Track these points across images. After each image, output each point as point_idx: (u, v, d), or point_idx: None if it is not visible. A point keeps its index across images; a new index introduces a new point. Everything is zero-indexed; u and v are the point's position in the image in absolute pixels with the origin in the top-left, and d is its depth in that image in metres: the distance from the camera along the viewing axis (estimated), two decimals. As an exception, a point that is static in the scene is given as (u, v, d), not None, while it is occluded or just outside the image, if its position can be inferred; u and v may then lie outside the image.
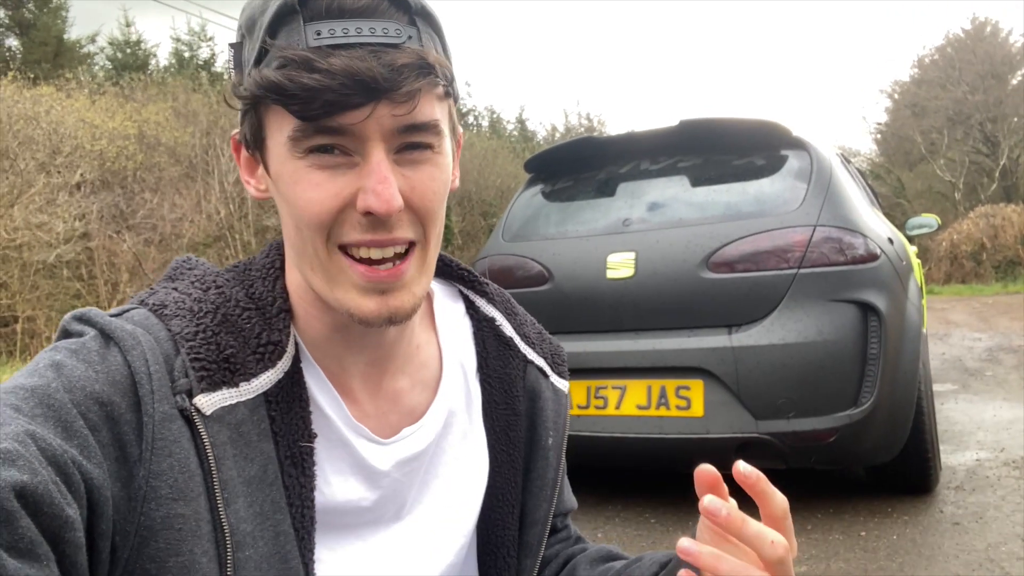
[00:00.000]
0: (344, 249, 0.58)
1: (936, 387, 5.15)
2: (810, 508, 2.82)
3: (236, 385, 0.57)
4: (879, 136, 29.18)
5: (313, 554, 0.59)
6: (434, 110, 0.57)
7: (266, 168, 0.60)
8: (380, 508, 0.66)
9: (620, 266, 2.84)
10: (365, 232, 0.57)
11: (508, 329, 0.78)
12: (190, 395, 0.55)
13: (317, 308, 0.64)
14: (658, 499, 3.06)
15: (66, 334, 0.58)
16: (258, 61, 0.55)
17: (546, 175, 3.47)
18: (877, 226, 2.93)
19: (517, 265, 3.12)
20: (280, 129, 0.56)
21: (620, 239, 2.91)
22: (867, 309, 2.59)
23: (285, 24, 0.54)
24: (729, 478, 0.59)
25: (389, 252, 0.59)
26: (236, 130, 0.63)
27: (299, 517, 0.58)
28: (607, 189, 3.22)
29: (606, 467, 3.44)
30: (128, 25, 17.78)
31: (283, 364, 0.60)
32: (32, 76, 11.83)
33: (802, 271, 2.65)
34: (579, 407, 2.83)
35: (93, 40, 17.48)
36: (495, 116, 26.85)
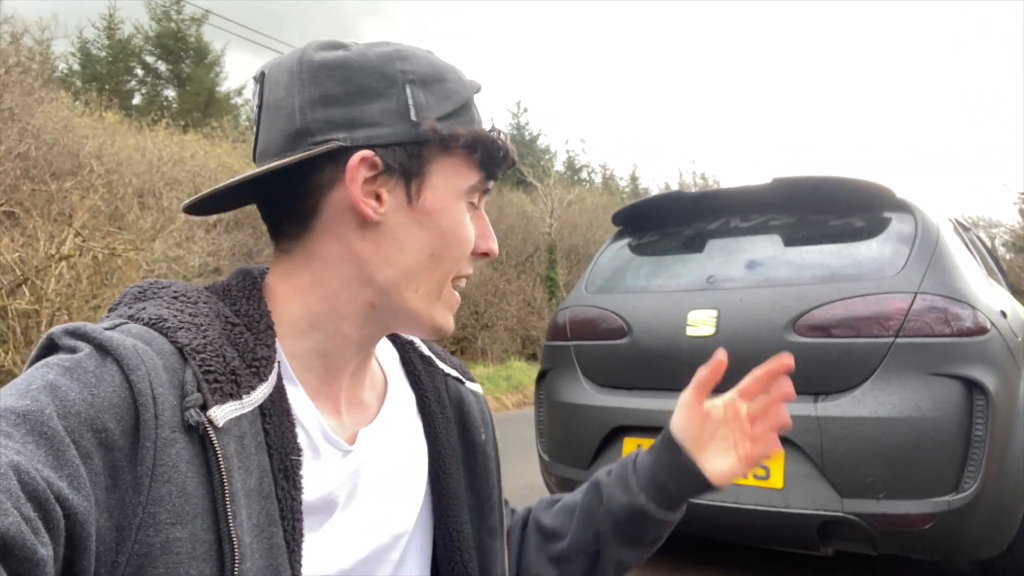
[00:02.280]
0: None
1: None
2: (903, 601, 2.57)
3: (240, 398, 0.58)
4: (1023, 206, 27.09)
5: (301, 566, 0.60)
6: None
7: (412, 199, 0.67)
8: (343, 510, 0.69)
9: (701, 323, 2.75)
10: (468, 267, 0.73)
11: (425, 349, 0.87)
12: (203, 408, 0.55)
13: (307, 329, 0.68)
14: (734, 573, 2.88)
15: (55, 347, 0.56)
16: (448, 116, 0.67)
17: (634, 228, 3.44)
18: (989, 298, 2.71)
19: (598, 317, 3.09)
20: (457, 175, 0.69)
21: (703, 296, 2.83)
22: (972, 386, 2.37)
23: (467, 105, 0.70)
24: (804, 557, 0.58)
25: None
26: (367, 152, 0.64)
27: (290, 530, 0.60)
28: (694, 245, 3.15)
29: (677, 533, 3.29)
30: (272, 79, 19.29)
31: (272, 379, 0.63)
32: (183, 124, 13.02)
33: (900, 340, 2.47)
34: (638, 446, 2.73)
35: (239, 93, 19.07)
36: (608, 172, 26.99)
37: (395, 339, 0.85)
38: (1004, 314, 2.70)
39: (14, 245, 8.44)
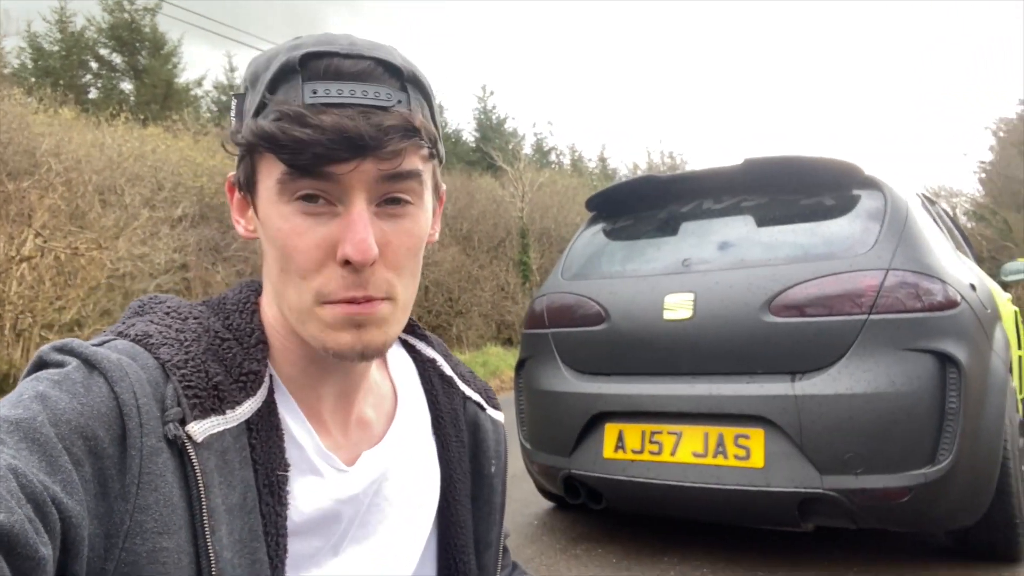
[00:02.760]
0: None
1: (1038, 445, 4.75)
2: (883, 572, 2.62)
3: (223, 413, 0.58)
4: (983, 175, 27.67)
5: None
6: (416, 165, 0.62)
7: (255, 210, 0.65)
8: (344, 535, 0.67)
9: (678, 307, 2.76)
10: (346, 289, 0.60)
11: (447, 369, 0.84)
12: (183, 423, 0.55)
13: (293, 342, 0.66)
14: (717, 553, 2.91)
15: (44, 365, 0.57)
16: (257, 112, 0.60)
17: (608, 213, 3.43)
18: (959, 271, 2.75)
19: (575, 303, 3.08)
20: (270, 175, 0.60)
21: (679, 279, 2.83)
22: (945, 360, 2.42)
23: (286, 81, 0.59)
24: (785, 534, 0.57)
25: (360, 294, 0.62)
26: (232, 172, 0.67)
27: (273, 546, 0.59)
28: (668, 228, 3.16)
29: (660, 515, 3.32)
30: (232, 70, 18.93)
31: (261, 393, 0.62)
32: (143, 118, 12.72)
33: (873, 317, 2.51)
34: (633, 451, 2.74)
35: (199, 84, 18.67)
36: (576, 154, 26.99)
37: (416, 356, 0.83)
38: (973, 287, 2.75)
39: (-29, 248, 8.22)
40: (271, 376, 0.65)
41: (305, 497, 0.63)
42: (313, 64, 0.59)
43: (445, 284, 13.36)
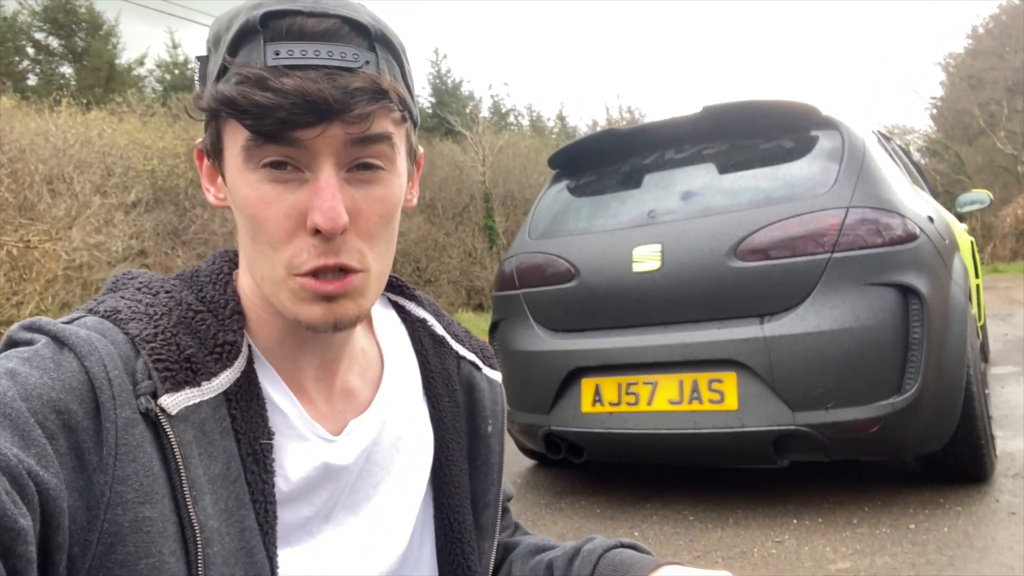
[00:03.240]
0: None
1: (997, 369, 4.92)
2: (856, 501, 2.72)
3: (198, 384, 0.58)
4: (935, 111, 28.13)
5: (276, 548, 0.60)
6: (387, 128, 0.59)
7: (223, 178, 0.63)
8: (335, 503, 0.67)
9: (646, 259, 2.78)
10: (318, 257, 0.58)
11: (439, 328, 0.82)
12: (154, 396, 0.55)
13: (269, 312, 0.65)
14: (697, 496, 2.99)
15: (13, 344, 0.56)
16: (219, 76, 0.58)
17: (571, 170, 3.43)
18: (916, 205, 2.81)
19: (544, 263, 3.09)
20: (235, 141, 0.58)
21: (646, 231, 2.85)
22: (907, 292, 2.48)
23: (247, 43, 0.56)
24: (762, 472, 0.58)
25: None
26: (200, 139, 0.65)
27: (262, 512, 0.59)
28: (632, 181, 3.16)
29: (641, 464, 3.39)
30: (175, 46, 18.34)
31: (239, 364, 0.61)
32: (86, 102, 12.29)
33: (836, 255, 2.55)
34: (611, 404, 2.78)
35: (142, 63, 18.08)
36: (535, 115, 26.81)
37: (406, 317, 0.81)
38: (931, 219, 2.81)
39: (-83, 247, 7.94)
40: (249, 347, 0.64)
41: (292, 465, 0.63)
42: (275, 24, 0.56)
43: (412, 253, 13.29)
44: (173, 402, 0.55)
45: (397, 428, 0.74)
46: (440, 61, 23.71)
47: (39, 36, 16.42)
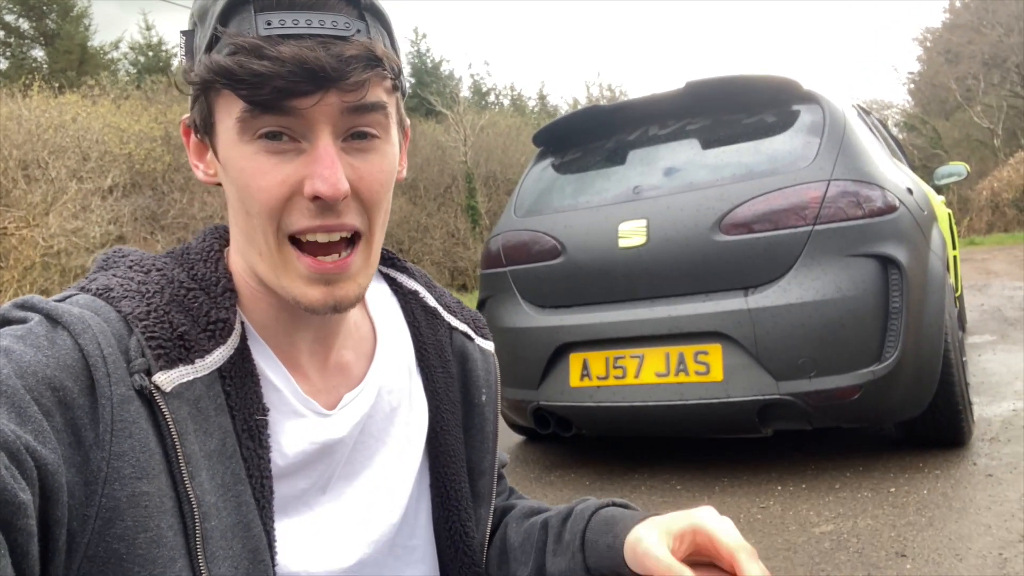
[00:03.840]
0: (292, 238, 0.61)
1: (974, 338, 5.03)
2: (839, 467, 2.79)
3: (192, 362, 0.58)
4: (912, 86, 28.32)
5: (274, 522, 0.61)
6: (381, 96, 0.60)
7: (215, 153, 0.62)
8: (331, 475, 0.68)
9: (632, 234, 2.81)
10: (314, 218, 0.59)
11: (431, 300, 0.83)
12: (148, 374, 0.55)
13: (264, 290, 0.65)
14: (684, 465, 3.05)
15: (6, 322, 0.56)
16: (209, 48, 0.57)
17: (555, 148, 3.44)
18: (896, 177, 2.85)
19: (531, 240, 3.11)
20: (229, 114, 0.58)
21: (631, 207, 2.87)
22: (887, 262, 2.53)
23: (237, 13, 0.56)
24: (747, 441, 0.60)
25: (336, 236, 0.61)
26: (186, 115, 0.64)
27: (259, 487, 0.60)
28: (617, 157, 3.18)
29: (629, 436, 3.44)
30: (148, 28, 18.01)
31: (232, 341, 0.62)
32: (58, 85, 12.06)
33: (818, 227, 2.59)
34: (599, 378, 2.82)
35: (116, 46, 17.75)
36: (516, 94, 26.68)
37: (398, 289, 0.82)
38: (910, 191, 2.86)
39: None
40: (243, 324, 0.64)
41: (288, 440, 0.64)
42: None
43: (394, 235, 13.25)
44: (167, 379, 0.56)
45: (391, 400, 0.74)
46: (419, 40, 23.52)
47: (9, 18, 16.08)
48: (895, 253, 2.52)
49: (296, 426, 0.65)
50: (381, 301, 0.80)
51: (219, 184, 0.65)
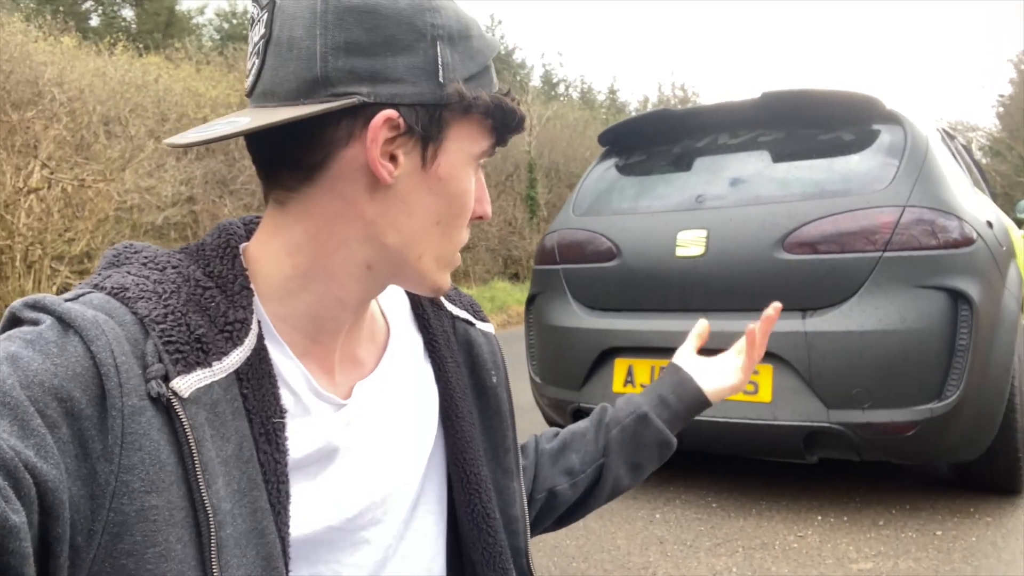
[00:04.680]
0: None
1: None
2: (884, 503, 2.69)
3: (210, 365, 0.57)
4: (1001, 109, 27.04)
5: (288, 528, 0.60)
6: None
7: (427, 164, 0.63)
8: (340, 462, 0.67)
9: (691, 244, 2.75)
10: (468, 236, 0.71)
11: None
12: (166, 379, 0.54)
13: (300, 288, 0.65)
14: (722, 483, 2.99)
15: (16, 322, 0.55)
16: (471, 78, 0.63)
17: (620, 148, 3.39)
18: (976, 208, 2.73)
19: (586, 240, 3.08)
20: (472, 141, 0.65)
21: (692, 216, 2.82)
22: (958, 297, 2.42)
23: (486, 64, 0.66)
24: (790, 465, 0.59)
25: None
26: (392, 112, 0.60)
27: (275, 493, 0.59)
28: (682, 164, 3.12)
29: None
30: (234, -3, 18.44)
31: (250, 341, 0.61)
32: (142, 46, 12.46)
33: (887, 254, 2.50)
34: (642, 386, 2.78)
35: (202, 12, 18.24)
36: (586, 87, 26.47)
37: None
38: (990, 224, 2.73)
39: (-22, 180, 8.19)
40: (258, 322, 0.63)
41: (302, 440, 0.63)
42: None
43: (453, 218, 13.32)
44: (185, 384, 0.54)
45: (402, 390, 0.75)
46: (494, 27, 23.49)
47: (102, -23, 16.66)
48: (967, 288, 2.41)
49: (310, 425, 0.64)
50: (389, 292, 0.81)
51: (385, 184, 0.62)
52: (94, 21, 16.31)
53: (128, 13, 16.93)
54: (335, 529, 0.66)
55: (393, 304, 0.80)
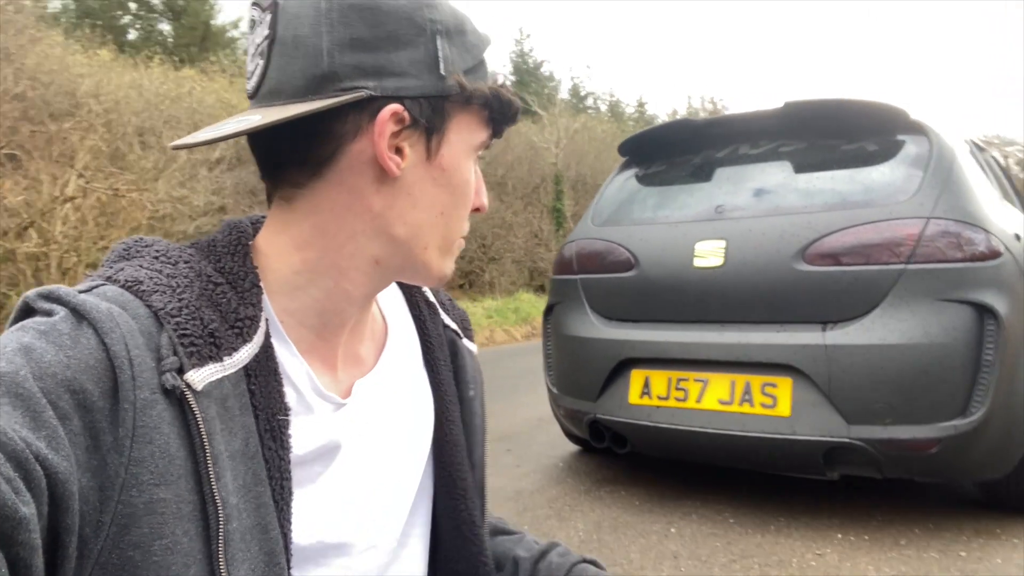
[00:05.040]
0: None
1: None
2: (907, 521, 2.62)
3: (221, 360, 0.57)
4: (1041, 123, 26.45)
5: (291, 524, 0.60)
6: None
7: (431, 155, 0.65)
8: (341, 460, 0.68)
9: (709, 254, 2.72)
10: (467, 226, 0.72)
11: (431, 296, 0.86)
12: (181, 372, 0.54)
13: (308, 282, 0.65)
14: (740, 498, 2.93)
15: (30, 312, 0.55)
16: (470, 70, 0.65)
17: (641, 158, 3.37)
18: (1004, 220, 2.66)
19: (605, 250, 3.06)
20: (471, 131, 0.67)
21: (711, 226, 2.79)
22: (983, 311, 2.36)
23: (483, 55, 0.67)
24: (810, 481, 0.57)
25: None
26: (398, 106, 0.62)
27: (278, 489, 0.59)
28: (702, 174, 3.09)
29: (683, 461, 3.34)
30: (267, 10, 18.79)
31: (258, 338, 0.61)
32: (179, 59, 12.74)
33: (911, 267, 2.45)
34: (659, 397, 2.75)
35: (236, 26, 18.59)
36: (614, 100, 26.46)
37: (402, 285, 0.84)
38: (1018, 237, 2.66)
39: (18, 188, 8.41)
40: (266, 320, 0.64)
41: (304, 437, 0.64)
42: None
43: (478, 230, 13.37)
44: (199, 377, 0.55)
45: (400, 390, 0.75)
46: (523, 40, 23.63)
47: (142, -7, 17.08)
48: (994, 302, 2.35)
49: (313, 423, 0.65)
50: (388, 293, 0.81)
51: (392, 176, 0.63)
52: (132, 35, 16.72)
53: (165, 27, 17.34)
54: (339, 529, 0.66)
55: (391, 303, 0.80)
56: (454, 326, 0.86)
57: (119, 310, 0.54)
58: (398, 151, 0.63)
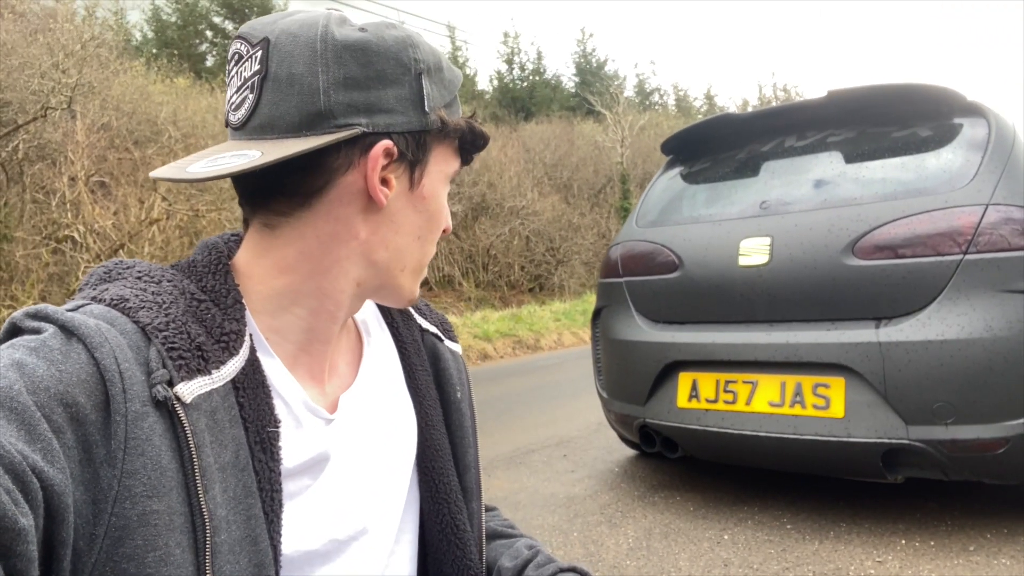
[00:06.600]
0: None
1: None
2: (977, 526, 2.47)
3: (209, 372, 0.58)
4: None
5: (281, 536, 0.61)
6: None
7: (414, 185, 0.70)
8: (330, 473, 0.69)
9: (754, 252, 2.65)
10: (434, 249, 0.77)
11: None
12: (170, 384, 0.55)
13: (292, 303, 0.68)
14: (799, 503, 2.83)
15: (17, 332, 0.56)
16: (447, 105, 0.70)
17: (685, 156, 3.31)
18: (1074, 204, 2.48)
19: (648, 252, 3.02)
20: (446, 162, 0.72)
21: (755, 223, 2.71)
22: (1052, 302, 2.21)
23: (455, 91, 0.73)
24: (876, 484, 0.57)
25: None
26: (388, 142, 0.66)
27: (269, 501, 0.60)
28: (747, 169, 3.01)
29: (734, 465, 3.25)
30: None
31: (244, 352, 0.63)
32: (252, 82, 13.27)
33: (969, 257, 2.31)
34: (707, 400, 2.69)
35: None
36: (681, 93, 25.97)
37: None
38: (1091, 221, 2.47)
39: (107, 213, 8.94)
40: (250, 335, 0.65)
41: (293, 450, 0.65)
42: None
43: (546, 233, 13.36)
44: (188, 390, 0.56)
45: (382, 400, 0.77)
46: (586, 40, 23.50)
47: (216, 20, 17.87)
48: (1063, 292, 2.19)
49: (301, 436, 0.66)
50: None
51: (380, 206, 0.67)
52: (209, 61, 17.52)
53: (239, 51, 18.06)
54: (328, 540, 0.67)
55: (364, 314, 0.82)
56: (433, 329, 0.88)
57: (107, 326, 0.55)
58: (385, 182, 0.66)
